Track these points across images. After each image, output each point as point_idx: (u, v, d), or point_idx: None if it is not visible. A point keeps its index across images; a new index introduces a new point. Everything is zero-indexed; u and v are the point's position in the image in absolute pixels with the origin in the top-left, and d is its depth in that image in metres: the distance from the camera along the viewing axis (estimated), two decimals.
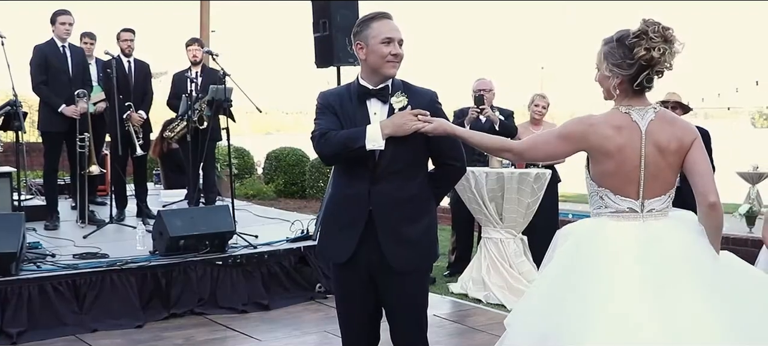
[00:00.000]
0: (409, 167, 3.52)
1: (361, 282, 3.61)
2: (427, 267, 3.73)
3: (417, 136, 3.46)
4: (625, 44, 3.18)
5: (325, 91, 3.73)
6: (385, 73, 3.51)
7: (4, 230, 5.93)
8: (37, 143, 15.03)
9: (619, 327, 2.96)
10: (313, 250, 7.09)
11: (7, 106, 8.43)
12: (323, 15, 7.78)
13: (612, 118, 3.24)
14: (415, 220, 3.55)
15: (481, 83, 8.00)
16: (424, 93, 3.58)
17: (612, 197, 3.28)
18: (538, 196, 7.22)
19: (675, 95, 8.13)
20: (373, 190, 3.50)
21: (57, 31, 8.13)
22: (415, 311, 3.65)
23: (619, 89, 3.25)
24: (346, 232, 3.57)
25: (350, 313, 3.69)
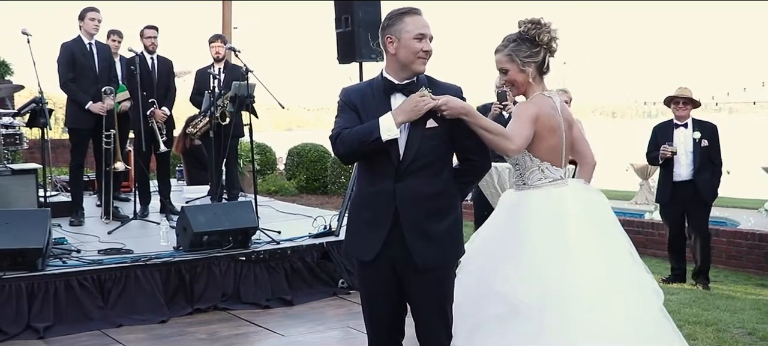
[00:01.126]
0: (433, 164, 3.51)
1: (386, 279, 3.60)
2: (452, 264, 3.71)
3: (440, 132, 3.45)
4: (527, 37, 3.88)
5: (347, 87, 3.72)
6: (415, 69, 3.51)
7: (30, 226, 5.98)
8: (62, 140, 15.20)
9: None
10: (335, 245, 7.10)
11: (33, 103, 8.51)
12: (345, 11, 7.78)
13: (546, 101, 3.94)
14: (441, 216, 3.54)
15: None
16: (449, 88, 3.57)
17: (551, 169, 3.99)
18: None
19: (686, 90, 8.09)
20: (397, 187, 3.49)
21: (85, 27, 8.19)
22: (441, 308, 3.64)
23: (533, 78, 3.92)
24: (372, 230, 3.57)
25: (376, 309, 3.69)
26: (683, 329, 6.09)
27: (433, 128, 3.46)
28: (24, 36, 7.87)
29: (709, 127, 8.03)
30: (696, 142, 7.94)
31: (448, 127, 3.48)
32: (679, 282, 8.15)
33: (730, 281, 8.80)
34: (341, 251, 7.05)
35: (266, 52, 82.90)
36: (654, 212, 12.54)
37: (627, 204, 15.21)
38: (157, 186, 9.30)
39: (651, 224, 10.71)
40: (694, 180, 7.94)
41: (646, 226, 10.72)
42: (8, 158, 9.32)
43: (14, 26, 8.41)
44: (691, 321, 6.31)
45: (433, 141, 3.47)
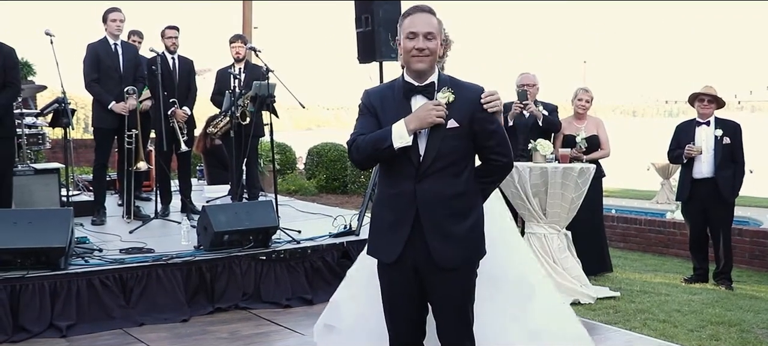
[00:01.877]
0: (454, 164, 3.49)
1: (408, 280, 3.59)
2: (474, 263, 3.66)
3: (461, 132, 3.44)
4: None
5: (369, 89, 3.71)
6: (413, 68, 3.48)
7: (53, 226, 6.02)
8: (83, 140, 15.31)
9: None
10: (355, 245, 7.10)
11: (55, 103, 8.58)
12: (366, 10, 7.78)
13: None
14: (462, 217, 3.52)
15: (524, 78, 7.95)
16: (472, 88, 3.52)
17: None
18: (582, 191, 7.14)
19: (711, 88, 8.04)
20: (418, 188, 3.47)
21: (109, 28, 8.26)
22: (461, 308, 3.62)
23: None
24: (394, 231, 3.56)
25: (396, 309, 3.68)
26: (706, 329, 6.07)
27: (455, 129, 3.44)
28: (47, 37, 7.93)
29: (731, 126, 7.97)
30: (717, 140, 7.87)
31: (469, 127, 3.46)
32: (701, 282, 8.09)
33: (754, 280, 8.72)
34: (362, 250, 7.04)
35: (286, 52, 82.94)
36: (675, 211, 12.44)
37: (648, 204, 15.10)
38: (178, 186, 9.34)
39: (673, 223, 10.64)
40: (714, 177, 7.88)
41: (667, 225, 10.66)
42: (31, 158, 9.40)
43: (36, 27, 8.46)
44: (714, 322, 6.27)
45: (454, 142, 3.45)
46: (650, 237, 10.72)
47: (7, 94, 6.87)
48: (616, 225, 11.05)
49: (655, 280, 8.26)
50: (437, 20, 3.52)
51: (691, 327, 6.12)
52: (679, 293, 7.45)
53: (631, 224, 11.04)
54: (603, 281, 7.73)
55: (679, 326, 6.14)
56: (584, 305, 6.77)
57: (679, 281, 8.19)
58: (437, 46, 3.49)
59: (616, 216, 11.44)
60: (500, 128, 3.56)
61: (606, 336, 5.82)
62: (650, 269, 9.04)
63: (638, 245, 10.78)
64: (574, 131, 7.90)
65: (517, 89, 7.83)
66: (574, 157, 7.57)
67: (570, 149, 7.57)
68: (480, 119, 3.47)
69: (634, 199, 15.95)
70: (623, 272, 8.63)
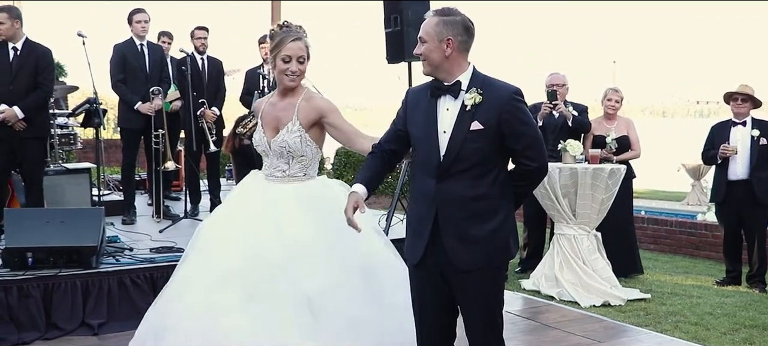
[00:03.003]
0: (476, 166, 3.44)
1: (433, 282, 3.58)
2: (497, 266, 3.61)
3: (486, 135, 3.39)
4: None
5: (412, 87, 3.76)
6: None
7: (85, 225, 6.08)
8: (114, 140, 15.44)
9: None
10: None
11: (86, 103, 8.66)
12: (395, 10, 7.77)
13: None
14: (483, 219, 3.47)
15: (554, 78, 7.90)
16: (504, 88, 3.47)
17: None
18: (613, 192, 7.10)
19: (747, 88, 7.93)
20: (438, 188, 3.46)
21: (134, 29, 8.33)
22: (488, 310, 3.58)
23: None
24: (417, 232, 3.56)
25: (424, 312, 3.66)
26: (739, 332, 6.00)
27: (478, 130, 3.40)
28: (79, 38, 8.01)
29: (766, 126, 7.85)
30: (754, 140, 7.76)
31: (496, 128, 3.41)
32: (734, 285, 7.99)
33: None
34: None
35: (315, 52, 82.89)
36: (707, 213, 12.32)
37: (678, 205, 14.97)
38: (207, 185, 9.38)
39: (704, 225, 10.53)
40: (750, 179, 7.78)
41: (698, 227, 10.55)
42: (63, 158, 9.49)
43: (67, 28, 8.56)
44: (747, 325, 6.20)
45: (477, 143, 3.41)
46: (681, 239, 10.61)
47: (36, 95, 6.96)
48: (646, 226, 10.96)
49: (687, 282, 8.18)
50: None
51: (723, 330, 6.05)
52: (711, 295, 7.37)
53: (662, 225, 10.94)
54: (633, 283, 7.67)
55: (712, 329, 6.07)
56: (614, 307, 6.72)
57: (711, 284, 8.10)
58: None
59: (646, 217, 11.34)
60: (531, 131, 3.49)
61: (637, 339, 5.77)
62: (681, 271, 8.95)
63: (669, 247, 10.68)
64: (604, 132, 7.84)
65: (547, 89, 7.79)
66: (604, 158, 7.52)
67: (600, 150, 7.52)
68: (506, 120, 3.41)
69: (664, 200, 15.81)
70: (654, 273, 8.55)
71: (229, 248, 4.01)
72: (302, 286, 3.87)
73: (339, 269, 3.94)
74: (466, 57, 3.51)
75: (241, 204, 4.19)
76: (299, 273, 3.90)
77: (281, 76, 4.06)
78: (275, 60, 4.06)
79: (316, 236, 3.97)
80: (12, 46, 6.92)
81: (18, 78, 6.89)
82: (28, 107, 6.88)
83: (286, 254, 3.92)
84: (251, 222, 4.04)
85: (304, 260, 3.92)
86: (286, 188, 4.10)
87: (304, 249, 3.94)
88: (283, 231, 3.96)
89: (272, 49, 4.07)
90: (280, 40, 4.05)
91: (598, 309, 6.65)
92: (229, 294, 3.86)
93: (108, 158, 13.10)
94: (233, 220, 4.13)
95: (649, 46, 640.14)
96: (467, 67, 3.50)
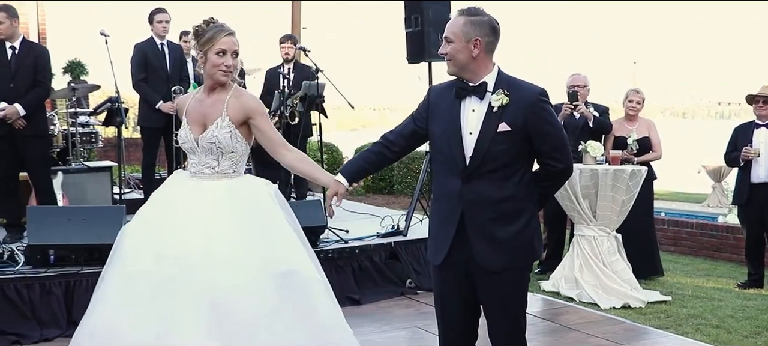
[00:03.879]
0: (503, 168, 3.45)
1: (457, 281, 3.58)
2: (522, 267, 3.62)
3: (513, 136, 3.40)
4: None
5: (435, 85, 3.76)
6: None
7: (106, 223, 6.10)
8: (135, 139, 15.50)
9: None
10: (403, 245, 7.11)
11: (108, 102, 8.71)
12: (415, 10, 7.77)
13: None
14: (509, 220, 3.48)
15: (575, 79, 7.87)
16: (530, 89, 3.47)
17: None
18: (633, 193, 7.06)
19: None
20: (464, 189, 3.46)
21: (155, 29, 8.38)
22: (511, 311, 3.59)
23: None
24: (442, 231, 3.56)
25: (447, 311, 3.67)
26: (762, 336, 5.95)
27: (506, 132, 3.41)
28: (102, 37, 8.07)
29: None
30: None
31: (523, 129, 3.41)
32: (756, 288, 7.92)
33: None
34: (409, 251, 7.07)
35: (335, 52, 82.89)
36: (728, 215, 12.22)
37: (699, 207, 14.85)
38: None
39: (725, 227, 10.44)
40: None
41: (720, 229, 10.46)
42: (84, 156, 9.55)
43: (88, 26, 8.62)
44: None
45: (504, 145, 3.41)
46: (702, 241, 10.53)
47: (37, 93, 7.05)
48: (666, 228, 10.88)
49: (708, 284, 8.12)
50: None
51: (745, 333, 6.01)
52: (733, 298, 7.31)
53: (682, 227, 10.86)
54: (653, 285, 7.63)
55: (733, 333, 6.03)
56: (635, 309, 6.69)
57: (732, 286, 8.03)
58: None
59: (666, 219, 11.26)
60: (557, 132, 3.51)
61: (657, 341, 5.75)
62: (702, 274, 8.89)
63: (689, 249, 10.60)
64: (626, 133, 7.80)
65: (568, 90, 7.76)
66: (625, 159, 7.48)
67: (621, 151, 7.48)
68: (533, 121, 3.42)
69: (684, 202, 15.69)
70: (674, 275, 8.50)
71: (143, 248, 3.85)
72: (211, 286, 3.69)
73: (255, 272, 3.76)
74: (492, 58, 3.51)
75: (164, 204, 4.01)
76: (210, 274, 3.71)
77: (213, 71, 3.94)
78: (207, 55, 3.96)
79: (240, 236, 3.83)
80: (10, 45, 7.01)
81: (17, 77, 6.97)
82: (29, 105, 6.95)
83: (202, 252, 3.75)
84: (173, 221, 3.88)
85: (216, 261, 3.74)
86: (216, 185, 3.97)
87: (224, 250, 3.77)
88: (208, 229, 3.81)
89: (203, 45, 3.96)
90: (213, 35, 3.95)
91: (618, 311, 6.62)
92: (133, 294, 3.72)
93: (128, 157, 13.14)
94: (154, 220, 3.96)
95: (670, 47, 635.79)
96: (492, 67, 3.50)
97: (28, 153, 7.09)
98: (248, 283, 3.70)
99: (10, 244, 6.53)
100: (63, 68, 16.78)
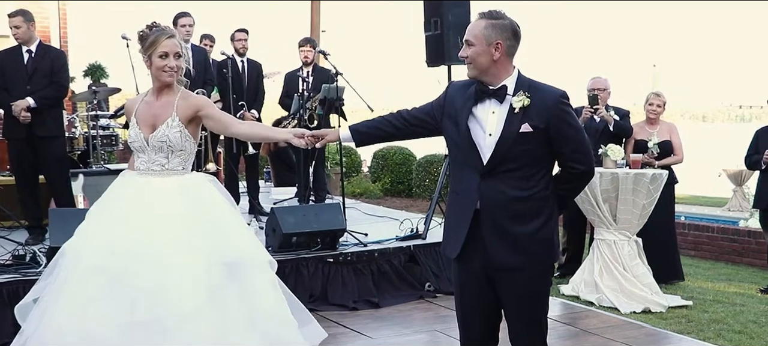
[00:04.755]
0: (522, 168, 3.44)
1: (475, 279, 3.58)
2: (541, 269, 3.59)
3: (535, 137, 3.39)
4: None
5: (457, 81, 3.77)
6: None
7: None
8: None
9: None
10: (422, 249, 7.10)
11: None
12: (435, 13, 7.75)
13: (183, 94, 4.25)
14: (526, 220, 3.47)
15: (595, 82, 7.84)
16: (551, 92, 3.47)
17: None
18: (654, 197, 7.01)
19: None
20: (482, 185, 3.46)
21: (178, 33, 8.39)
22: (531, 312, 3.58)
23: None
24: (457, 226, 3.56)
25: (466, 309, 3.67)
26: None
27: (527, 133, 3.40)
28: (123, 40, 8.12)
29: None
30: None
31: (546, 133, 3.41)
32: None
33: None
34: (428, 254, 7.05)
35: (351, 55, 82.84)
36: (749, 219, 12.11)
37: (719, 211, 14.74)
38: (245, 187, 9.45)
39: (747, 231, 10.36)
40: None
41: (741, 234, 10.38)
42: (104, 158, 9.62)
43: (110, 30, 8.69)
44: None
45: (526, 146, 3.41)
46: (723, 245, 10.45)
47: (50, 89, 7.11)
48: (687, 232, 10.81)
49: (729, 289, 8.06)
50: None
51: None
52: (755, 303, 7.25)
53: (703, 231, 10.78)
54: (674, 290, 7.58)
55: (756, 338, 5.98)
56: (655, 314, 6.65)
57: (754, 291, 7.96)
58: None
59: (687, 223, 11.18)
60: (578, 134, 3.50)
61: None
62: (724, 279, 8.82)
63: (710, 254, 10.52)
64: (647, 136, 7.76)
65: (588, 94, 7.73)
66: (646, 163, 7.44)
67: (641, 155, 7.44)
68: (554, 124, 3.42)
69: (705, 206, 15.60)
70: (695, 280, 8.44)
71: (97, 244, 3.96)
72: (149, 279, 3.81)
73: (202, 260, 3.88)
74: (512, 61, 3.50)
75: (115, 201, 4.14)
76: (156, 266, 3.83)
77: (159, 73, 4.10)
78: (151, 58, 4.11)
79: (189, 229, 3.96)
80: (26, 48, 7.10)
81: (34, 79, 7.05)
82: (41, 98, 7.01)
83: (151, 244, 3.87)
84: (125, 216, 4.01)
85: (163, 253, 3.86)
86: (166, 181, 4.12)
87: (170, 240, 3.90)
88: (158, 222, 3.94)
89: (147, 49, 4.12)
90: (155, 39, 4.11)
91: (639, 316, 6.58)
92: (92, 288, 3.81)
93: None
94: (106, 216, 4.09)
95: (690, 50, 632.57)
96: (513, 70, 3.50)
97: (44, 154, 7.14)
98: (186, 273, 3.83)
99: (32, 246, 6.57)
100: (84, 71, 16.92)
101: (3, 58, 7.11)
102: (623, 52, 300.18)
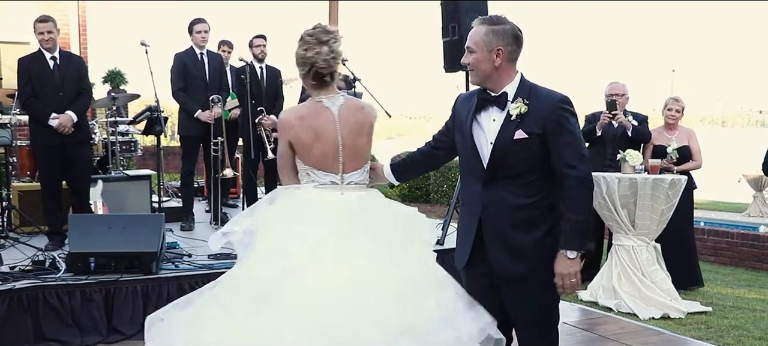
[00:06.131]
0: (522, 175, 3.39)
1: (482, 288, 3.53)
2: (546, 279, 3.43)
3: (532, 144, 3.34)
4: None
5: (462, 94, 3.74)
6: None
7: (145, 231, 6.19)
8: (173, 147, 15.69)
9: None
10: (440, 254, 7.05)
11: (147, 111, 8.82)
12: (453, 19, 7.75)
13: (313, 107, 3.86)
14: (528, 228, 3.42)
15: (613, 88, 7.82)
16: (550, 96, 3.39)
17: (318, 173, 3.66)
18: (673, 203, 6.98)
19: None
20: (484, 193, 3.44)
21: (194, 39, 8.47)
22: (535, 321, 3.53)
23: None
24: (464, 236, 3.55)
25: None
26: None
27: (522, 140, 3.35)
28: (142, 47, 8.19)
29: None
30: None
31: (542, 138, 3.35)
32: None
33: None
34: (446, 260, 7.02)
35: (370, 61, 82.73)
36: None
37: (739, 217, 14.64)
38: (264, 192, 9.47)
39: (767, 237, 10.28)
40: None
41: (761, 239, 10.31)
42: (123, 164, 9.68)
43: (128, 36, 8.78)
44: None
45: (524, 153, 3.36)
46: (743, 251, 10.38)
47: (84, 100, 7.30)
48: (706, 238, 10.75)
49: (749, 295, 8.00)
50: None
51: None
52: None
53: (723, 237, 10.71)
54: (693, 296, 7.53)
55: None
56: (674, 320, 6.61)
57: None
58: None
59: (706, 229, 11.12)
60: (574, 140, 3.37)
61: None
62: (743, 284, 8.76)
63: (730, 259, 10.46)
64: (665, 142, 7.73)
65: (606, 99, 7.70)
66: (664, 168, 7.41)
67: (660, 160, 7.41)
68: (551, 129, 3.35)
69: (724, 211, 15.49)
70: (714, 286, 8.38)
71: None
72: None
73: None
74: (515, 66, 3.46)
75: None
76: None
77: None
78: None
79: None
80: (50, 56, 7.15)
81: (65, 86, 7.14)
82: (80, 112, 7.18)
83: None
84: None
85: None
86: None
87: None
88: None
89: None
90: None
91: (658, 322, 6.54)
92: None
93: (166, 165, 13.31)
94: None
95: (709, 55, 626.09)
96: (515, 76, 3.45)
97: (74, 158, 7.22)
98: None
99: (52, 251, 6.63)
100: (103, 78, 17.04)
101: (29, 66, 7.13)
102: (642, 58, 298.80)
